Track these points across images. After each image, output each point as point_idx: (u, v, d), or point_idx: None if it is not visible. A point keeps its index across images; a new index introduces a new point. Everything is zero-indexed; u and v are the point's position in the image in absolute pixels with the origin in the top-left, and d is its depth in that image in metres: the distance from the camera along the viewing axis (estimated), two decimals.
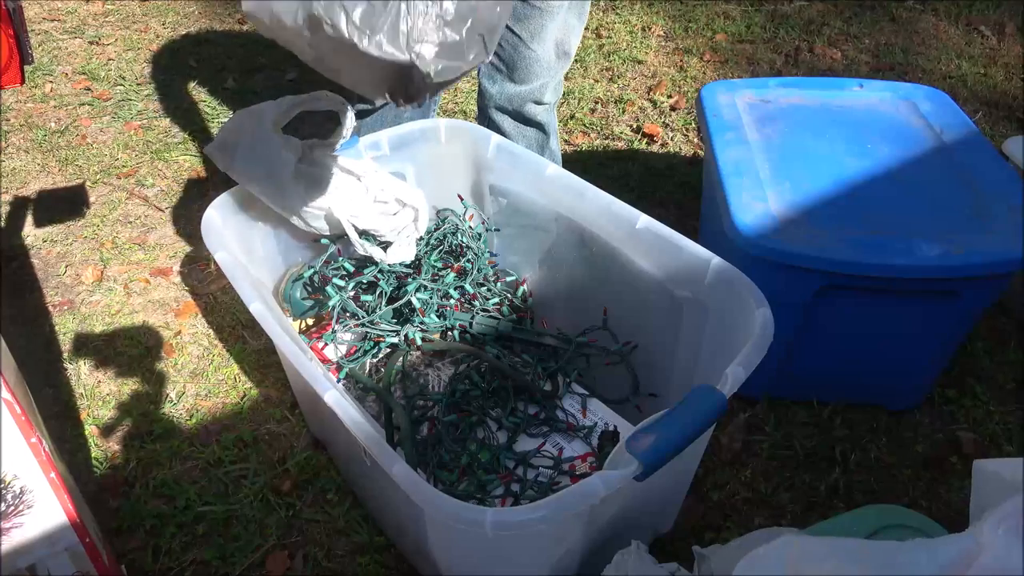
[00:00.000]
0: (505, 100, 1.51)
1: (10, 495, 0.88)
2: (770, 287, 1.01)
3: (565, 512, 0.78)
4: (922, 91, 1.58)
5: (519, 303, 1.40)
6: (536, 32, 1.40)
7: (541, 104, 1.51)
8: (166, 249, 1.87)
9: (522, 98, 1.49)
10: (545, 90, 1.49)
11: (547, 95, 1.50)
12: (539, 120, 1.54)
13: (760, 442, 1.39)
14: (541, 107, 1.52)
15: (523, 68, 1.45)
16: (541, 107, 1.52)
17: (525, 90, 1.48)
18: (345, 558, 1.23)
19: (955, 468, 1.35)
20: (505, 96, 1.50)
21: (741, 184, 1.32)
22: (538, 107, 1.51)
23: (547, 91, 1.50)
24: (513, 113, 1.53)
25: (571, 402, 1.29)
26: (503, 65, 1.47)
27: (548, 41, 1.42)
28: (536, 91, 1.48)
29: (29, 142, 2.25)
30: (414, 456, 1.13)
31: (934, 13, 2.86)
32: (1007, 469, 0.67)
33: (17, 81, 1.40)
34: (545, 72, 1.46)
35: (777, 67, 2.58)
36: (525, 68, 1.45)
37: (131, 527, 1.27)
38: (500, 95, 1.51)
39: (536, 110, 1.52)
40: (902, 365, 1.36)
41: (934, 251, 1.20)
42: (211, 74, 2.59)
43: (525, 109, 1.51)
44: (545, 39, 1.41)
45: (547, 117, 1.56)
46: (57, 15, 2.97)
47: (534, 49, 1.42)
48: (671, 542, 1.23)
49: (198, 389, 1.51)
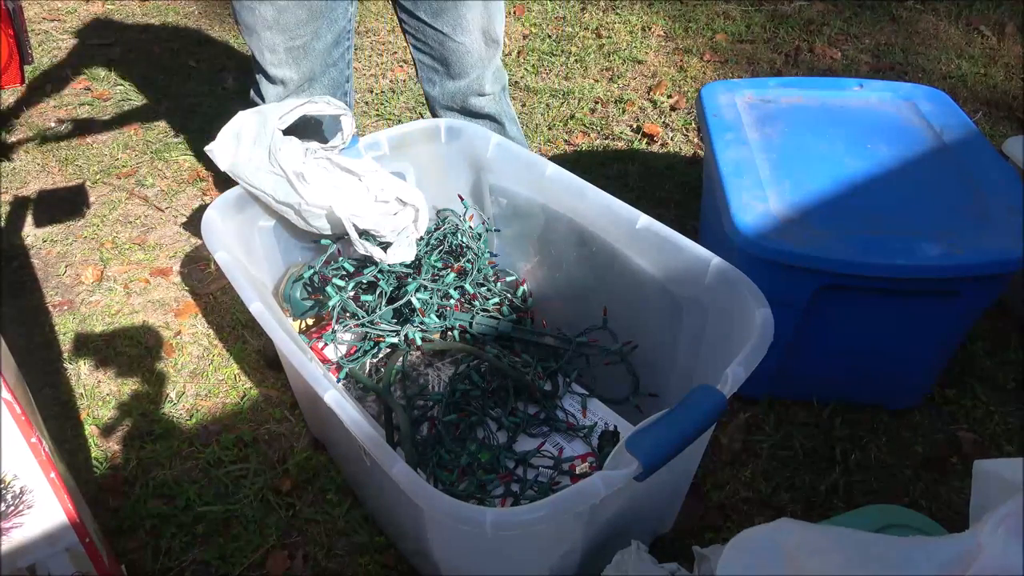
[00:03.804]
0: (448, 99, 1.52)
1: (10, 495, 0.88)
2: (770, 287, 1.01)
3: (565, 512, 0.78)
4: (922, 91, 1.58)
5: (519, 303, 1.40)
6: (457, 23, 1.41)
7: (484, 95, 1.52)
8: (166, 249, 1.87)
9: (463, 93, 1.51)
10: (484, 81, 1.50)
11: (487, 85, 1.51)
12: (487, 112, 1.55)
13: (760, 442, 1.39)
14: (485, 98, 1.53)
15: (456, 62, 1.46)
16: (485, 98, 1.53)
17: (464, 84, 1.50)
18: (345, 558, 1.23)
19: (955, 468, 1.35)
20: (448, 95, 1.52)
21: (741, 184, 1.32)
22: (482, 99, 1.53)
23: (486, 81, 1.51)
24: (460, 110, 1.54)
25: (571, 402, 1.29)
26: (437, 64, 1.49)
27: (473, 31, 1.43)
28: (475, 83, 1.50)
29: (29, 142, 2.25)
30: (414, 456, 1.13)
31: (934, 13, 2.86)
32: (1007, 469, 0.67)
33: (17, 81, 1.40)
34: (478, 63, 1.47)
35: (777, 67, 2.58)
36: (458, 62, 1.46)
37: (131, 527, 1.27)
38: (443, 95, 1.52)
39: (481, 102, 1.53)
40: (902, 365, 1.36)
41: (934, 251, 1.20)
42: (211, 74, 2.59)
43: (469, 103, 1.52)
44: (469, 29, 1.42)
45: (496, 107, 1.56)
46: (57, 15, 2.97)
47: (461, 41, 1.43)
48: (671, 542, 1.23)
49: (198, 389, 1.51)
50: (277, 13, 1.32)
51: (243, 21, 1.36)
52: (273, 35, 1.35)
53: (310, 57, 1.39)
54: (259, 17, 1.33)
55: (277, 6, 1.32)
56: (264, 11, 1.32)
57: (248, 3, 1.32)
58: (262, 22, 1.33)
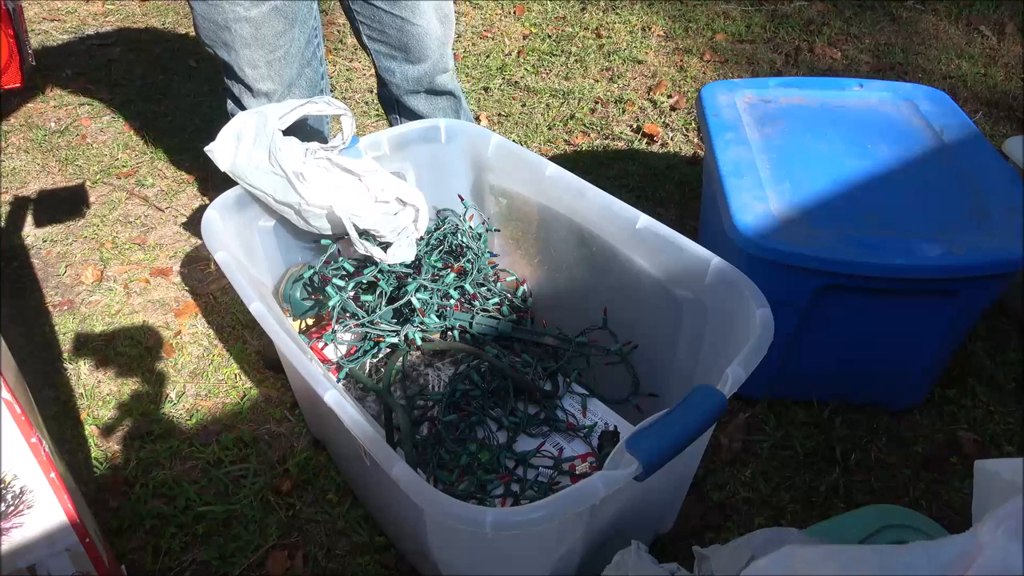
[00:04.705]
0: (413, 83, 1.52)
1: (10, 495, 0.88)
2: (770, 287, 1.01)
3: (565, 512, 0.78)
4: (922, 91, 1.58)
5: (519, 303, 1.40)
6: (415, 7, 1.40)
7: (447, 71, 1.53)
8: (166, 249, 1.87)
9: (429, 74, 1.51)
10: (446, 59, 1.51)
11: (449, 62, 1.52)
12: (449, 88, 1.56)
13: (760, 442, 1.39)
14: (447, 75, 1.53)
15: (415, 46, 1.45)
16: (447, 75, 1.53)
17: (427, 66, 1.49)
18: (345, 558, 1.23)
19: (955, 468, 1.35)
20: (411, 79, 1.51)
21: (741, 184, 1.32)
22: (445, 76, 1.53)
23: (448, 59, 1.51)
24: (426, 91, 1.54)
25: (571, 402, 1.29)
26: (396, 51, 1.47)
27: (428, 12, 1.42)
28: (439, 63, 1.50)
29: (29, 142, 2.25)
30: (414, 456, 1.13)
31: (934, 13, 2.86)
32: (1007, 469, 0.67)
33: (17, 81, 1.40)
34: (437, 43, 1.47)
35: (777, 67, 2.58)
36: (417, 45, 1.45)
37: (131, 527, 1.27)
38: (405, 80, 1.52)
39: (444, 79, 1.53)
40: (902, 365, 1.36)
41: (934, 251, 1.20)
42: (211, 74, 2.59)
43: (435, 83, 1.52)
44: (425, 11, 1.42)
45: (453, 83, 1.57)
46: (57, 15, 2.97)
47: (419, 24, 1.42)
48: (671, 542, 1.23)
49: (198, 389, 1.51)
50: (255, 29, 1.30)
51: (218, 40, 1.33)
52: (253, 52, 1.33)
53: (289, 64, 1.38)
54: (236, 35, 1.31)
55: (254, 22, 1.29)
56: (241, 29, 1.30)
57: (222, 24, 1.30)
58: (240, 40, 1.31)
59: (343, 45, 2.77)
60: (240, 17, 1.29)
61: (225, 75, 1.42)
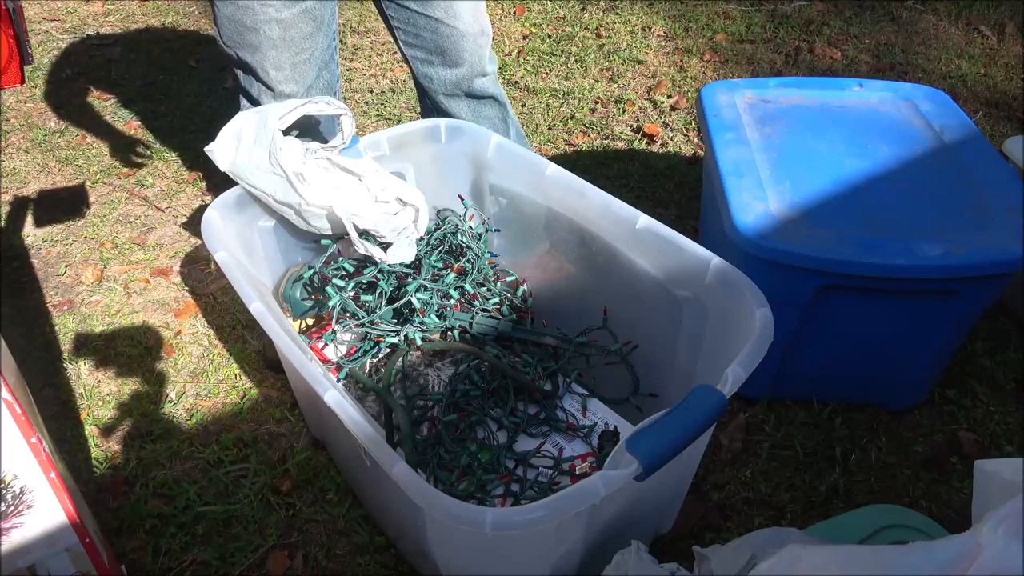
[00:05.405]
0: (452, 87, 1.49)
1: (10, 495, 0.88)
2: (770, 287, 1.01)
3: (565, 512, 0.78)
4: (922, 91, 1.58)
5: (519, 303, 1.40)
6: (448, 8, 1.38)
7: (486, 75, 1.50)
8: (166, 249, 1.87)
9: (467, 78, 1.48)
10: (484, 61, 1.48)
11: (487, 65, 1.49)
12: (491, 92, 1.53)
13: (760, 442, 1.39)
14: (487, 78, 1.51)
15: (451, 49, 1.43)
16: (487, 78, 1.51)
17: (464, 70, 1.47)
18: (345, 558, 1.23)
19: (955, 468, 1.35)
20: (449, 83, 1.49)
21: (741, 184, 1.32)
22: (485, 79, 1.51)
23: (485, 62, 1.49)
24: (465, 94, 1.51)
25: (571, 402, 1.29)
26: (432, 55, 1.45)
27: (462, 13, 1.40)
28: (476, 65, 1.47)
29: (29, 142, 2.25)
30: (414, 456, 1.13)
31: (934, 13, 2.86)
32: (1007, 469, 0.67)
33: (17, 81, 1.40)
34: (473, 45, 1.44)
35: (777, 67, 2.58)
36: (453, 48, 1.43)
37: (131, 527, 1.27)
38: (444, 85, 1.49)
39: (484, 83, 1.51)
40: (902, 365, 1.36)
41: (934, 251, 1.20)
42: (211, 74, 2.59)
43: (474, 86, 1.50)
44: (460, 12, 1.40)
45: (496, 89, 1.55)
46: (57, 15, 2.97)
47: (454, 25, 1.40)
48: (671, 542, 1.23)
49: (198, 389, 1.51)
50: (283, 31, 1.29)
51: (243, 41, 1.32)
52: (279, 53, 1.32)
53: (312, 67, 1.38)
54: (264, 37, 1.30)
55: (284, 24, 1.29)
56: (270, 31, 1.29)
57: (250, 26, 1.29)
58: (268, 42, 1.30)
59: (343, 45, 2.77)
60: (271, 19, 1.28)
61: (243, 75, 1.40)
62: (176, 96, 2.47)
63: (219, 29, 1.34)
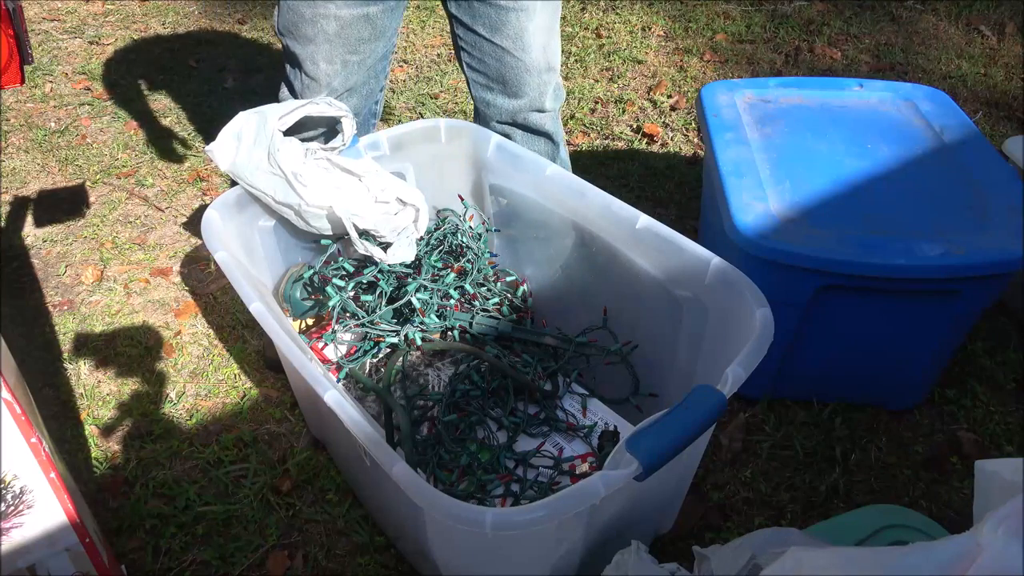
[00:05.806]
0: (507, 116, 1.46)
1: (10, 495, 0.88)
2: (770, 287, 1.01)
3: (565, 512, 0.78)
4: (922, 91, 1.58)
5: (519, 303, 1.40)
6: (518, 37, 1.35)
7: (544, 112, 1.47)
8: (166, 249, 1.87)
9: (523, 111, 1.45)
10: (544, 98, 1.45)
11: (547, 102, 1.46)
12: (546, 129, 1.49)
13: (760, 442, 1.39)
14: (545, 115, 1.47)
15: (513, 80, 1.40)
16: (545, 115, 1.47)
17: (523, 103, 1.43)
18: (345, 558, 1.23)
19: (955, 468, 1.35)
20: (505, 112, 1.45)
21: (741, 184, 1.32)
22: (542, 115, 1.47)
23: (546, 98, 1.45)
24: (517, 125, 1.48)
25: (571, 402, 1.29)
26: (493, 82, 1.42)
27: (534, 48, 1.37)
28: (535, 100, 1.44)
29: (29, 142, 2.25)
30: (414, 456, 1.13)
31: (934, 13, 2.86)
32: (1008, 469, 0.67)
33: (17, 81, 1.40)
34: (537, 81, 1.41)
35: (777, 67, 2.58)
36: (515, 80, 1.40)
37: (131, 527, 1.27)
38: (499, 113, 1.46)
39: (541, 119, 1.47)
40: (902, 365, 1.36)
41: (934, 251, 1.20)
42: (211, 74, 2.60)
43: (529, 119, 1.46)
44: (530, 45, 1.37)
45: (554, 126, 1.51)
46: (57, 15, 2.97)
47: (521, 58, 1.37)
48: (671, 542, 1.23)
49: (198, 389, 1.51)
50: (340, 27, 1.29)
51: (298, 31, 1.31)
52: (333, 47, 1.31)
53: (362, 70, 1.36)
54: (320, 30, 1.29)
55: (342, 21, 1.28)
56: (327, 25, 1.28)
57: (308, 18, 1.28)
58: (323, 35, 1.30)
59: None
60: (330, 14, 1.27)
61: (289, 66, 1.39)
62: (176, 96, 2.47)
63: (278, 15, 1.33)
